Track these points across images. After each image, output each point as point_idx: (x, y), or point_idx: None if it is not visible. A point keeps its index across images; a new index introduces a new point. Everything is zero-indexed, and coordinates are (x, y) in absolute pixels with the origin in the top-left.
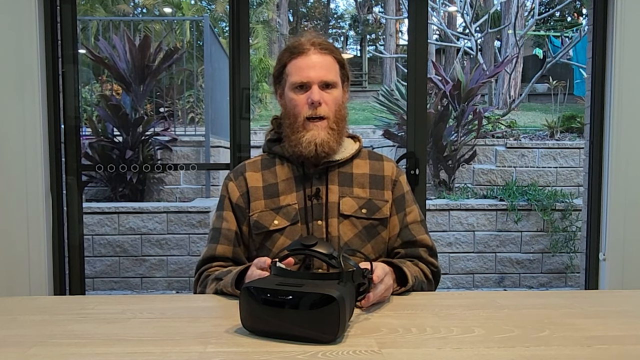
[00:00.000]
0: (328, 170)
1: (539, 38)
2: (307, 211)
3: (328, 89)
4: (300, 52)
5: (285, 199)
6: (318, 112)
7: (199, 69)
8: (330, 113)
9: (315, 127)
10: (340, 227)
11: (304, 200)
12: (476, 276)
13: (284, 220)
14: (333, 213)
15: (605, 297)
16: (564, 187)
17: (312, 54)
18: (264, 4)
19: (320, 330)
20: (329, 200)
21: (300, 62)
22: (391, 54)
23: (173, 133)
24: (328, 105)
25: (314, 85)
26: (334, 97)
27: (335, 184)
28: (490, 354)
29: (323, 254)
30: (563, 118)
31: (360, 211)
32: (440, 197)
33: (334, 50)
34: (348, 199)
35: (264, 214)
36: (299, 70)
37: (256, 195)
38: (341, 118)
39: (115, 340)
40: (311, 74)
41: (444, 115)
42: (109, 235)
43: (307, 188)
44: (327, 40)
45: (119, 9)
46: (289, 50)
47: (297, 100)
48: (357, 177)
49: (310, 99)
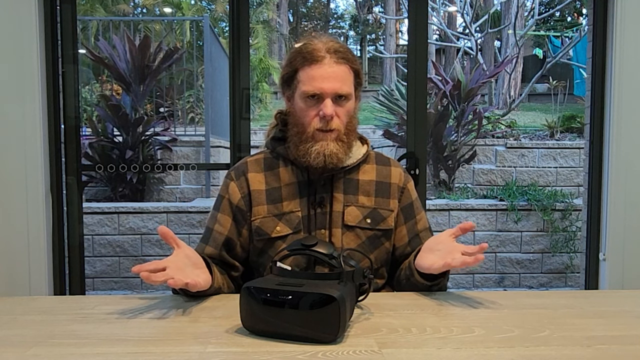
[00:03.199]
0: (333, 177)
1: (539, 38)
2: (310, 220)
3: (341, 101)
4: (315, 60)
5: (288, 205)
6: (329, 126)
7: (199, 69)
8: (342, 126)
9: (325, 138)
10: (343, 237)
11: (308, 209)
12: (476, 276)
13: (286, 228)
14: (337, 223)
15: (605, 297)
16: (564, 187)
17: (326, 63)
18: (264, 4)
19: (320, 330)
20: (333, 210)
21: (314, 71)
22: (391, 54)
23: (173, 133)
24: (340, 119)
25: (327, 98)
26: (347, 110)
27: (340, 192)
28: (490, 354)
29: (323, 254)
30: (563, 118)
31: (364, 221)
32: (440, 197)
33: (351, 59)
34: (353, 208)
35: (266, 220)
36: (312, 80)
37: (259, 200)
38: (352, 129)
39: (115, 340)
40: (325, 86)
41: (444, 115)
42: (109, 235)
43: (312, 195)
44: (343, 45)
45: (119, 9)
46: (302, 55)
47: (308, 111)
48: (363, 185)
49: (323, 113)
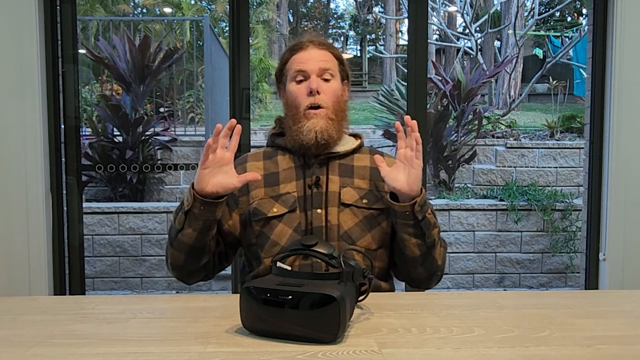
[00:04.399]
0: (329, 160)
1: (539, 38)
2: (306, 199)
3: (327, 81)
4: (300, 48)
5: (285, 187)
6: (316, 100)
7: (199, 69)
8: (329, 103)
9: (315, 115)
10: (340, 215)
11: (304, 189)
12: (476, 276)
13: (282, 208)
14: (333, 202)
15: (605, 297)
16: (564, 187)
17: (310, 48)
18: (264, 4)
19: (320, 330)
20: (329, 190)
21: (300, 56)
22: (391, 54)
23: (173, 133)
24: (327, 95)
25: (313, 74)
26: (333, 89)
27: (336, 174)
28: (490, 354)
29: (323, 254)
30: (563, 118)
31: (361, 201)
32: (440, 197)
33: (332, 47)
34: (349, 188)
35: (263, 201)
36: (298, 62)
37: (256, 184)
38: (340, 110)
39: (115, 340)
40: (309, 64)
41: (444, 115)
42: (109, 235)
43: (308, 177)
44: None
45: (119, 9)
46: (290, 49)
47: (297, 91)
48: (358, 169)
49: (309, 88)
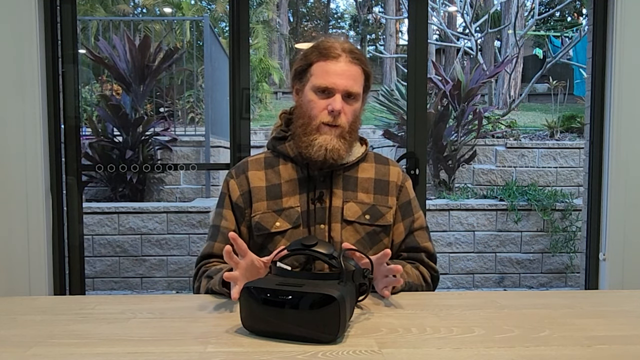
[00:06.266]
0: (333, 173)
1: (539, 38)
2: (309, 215)
3: (350, 100)
4: (331, 57)
5: (288, 201)
6: (336, 121)
7: (199, 69)
8: (347, 124)
9: (329, 132)
10: (342, 232)
11: (307, 204)
12: (476, 276)
13: (285, 223)
14: (336, 218)
15: (605, 297)
16: (564, 187)
17: (342, 60)
18: (264, 4)
19: (320, 330)
20: (332, 205)
21: (329, 66)
22: (391, 54)
23: (173, 133)
24: (347, 116)
25: (338, 94)
26: (354, 109)
27: (339, 188)
28: (490, 354)
29: (323, 254)
30: (563, 118)
31: (363, 217)
32: (440, 197)
33: (364, 62)
34: (352, 204)
35: (265, 215)
36: (326, 74)
37: (259, 196)
38: (355, 129)
39: (115, 340)
40: (337, 82)
41: (444, 115)
42: (109, 235)
43: (311, 191)
44: (358, 48)
45: (119, 9)
46: (319, 50)
47: (317, 103)
48: (362, 182)
49: (332, 107)
